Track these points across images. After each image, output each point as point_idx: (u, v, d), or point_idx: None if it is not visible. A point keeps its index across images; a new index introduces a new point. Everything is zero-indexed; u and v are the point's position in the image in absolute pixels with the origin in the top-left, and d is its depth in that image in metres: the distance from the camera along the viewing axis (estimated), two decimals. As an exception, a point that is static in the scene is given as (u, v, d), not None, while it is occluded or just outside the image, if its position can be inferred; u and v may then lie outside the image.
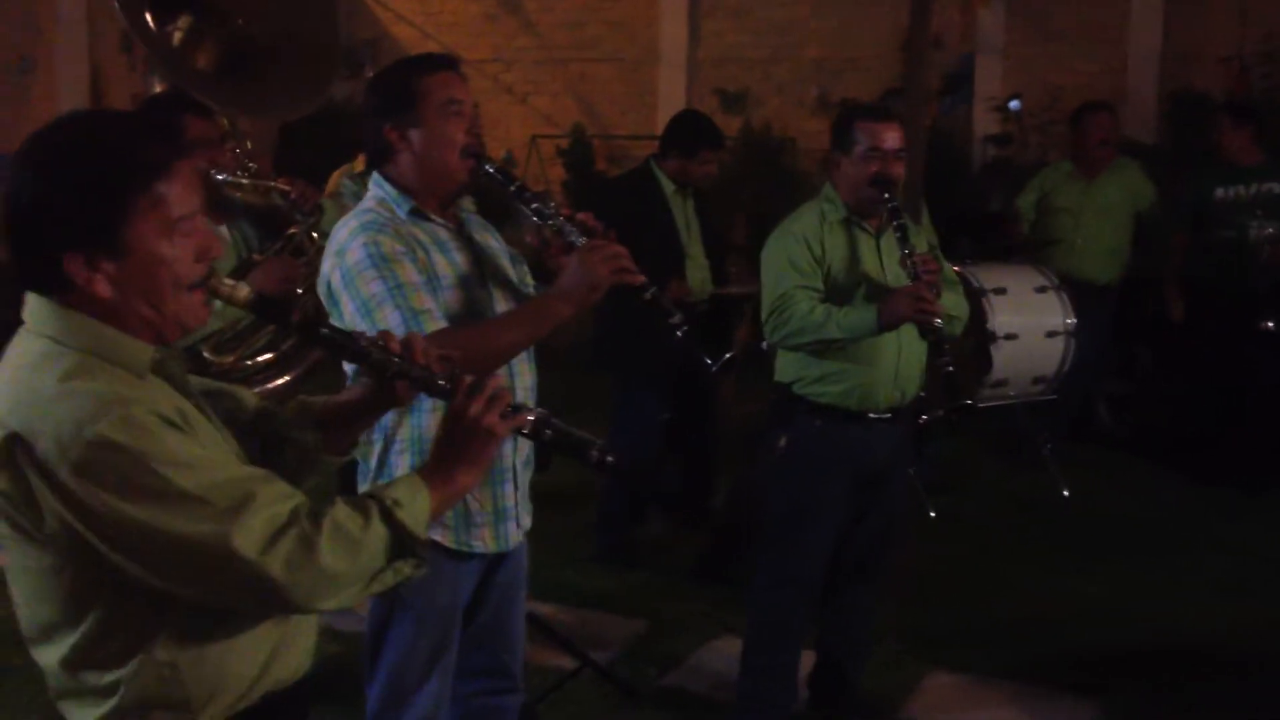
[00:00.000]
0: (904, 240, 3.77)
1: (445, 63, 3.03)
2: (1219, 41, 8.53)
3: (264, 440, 2.15)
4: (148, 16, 4.28)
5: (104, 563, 1.79)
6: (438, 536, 2.91)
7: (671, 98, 9.93)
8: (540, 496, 3.14)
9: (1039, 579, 5.42)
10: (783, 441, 3.96)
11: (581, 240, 2.89)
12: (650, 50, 10.27)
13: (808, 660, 4.23)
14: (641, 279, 2.88)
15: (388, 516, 1.91)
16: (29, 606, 1.90)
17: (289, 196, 4.07)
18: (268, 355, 3.99)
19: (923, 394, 4.23)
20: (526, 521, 3.12)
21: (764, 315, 3.89)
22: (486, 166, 2.95)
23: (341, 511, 1.88)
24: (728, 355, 3.03)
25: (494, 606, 3.13)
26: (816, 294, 3.81)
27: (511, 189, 2.97)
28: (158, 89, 4.49)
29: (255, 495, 1.81)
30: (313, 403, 2.26)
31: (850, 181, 3.87)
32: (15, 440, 1.75)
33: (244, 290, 1.95)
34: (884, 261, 3.90)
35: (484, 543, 2.98)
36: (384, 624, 3.00)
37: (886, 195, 3.78)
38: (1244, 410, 6.44)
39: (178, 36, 4.36)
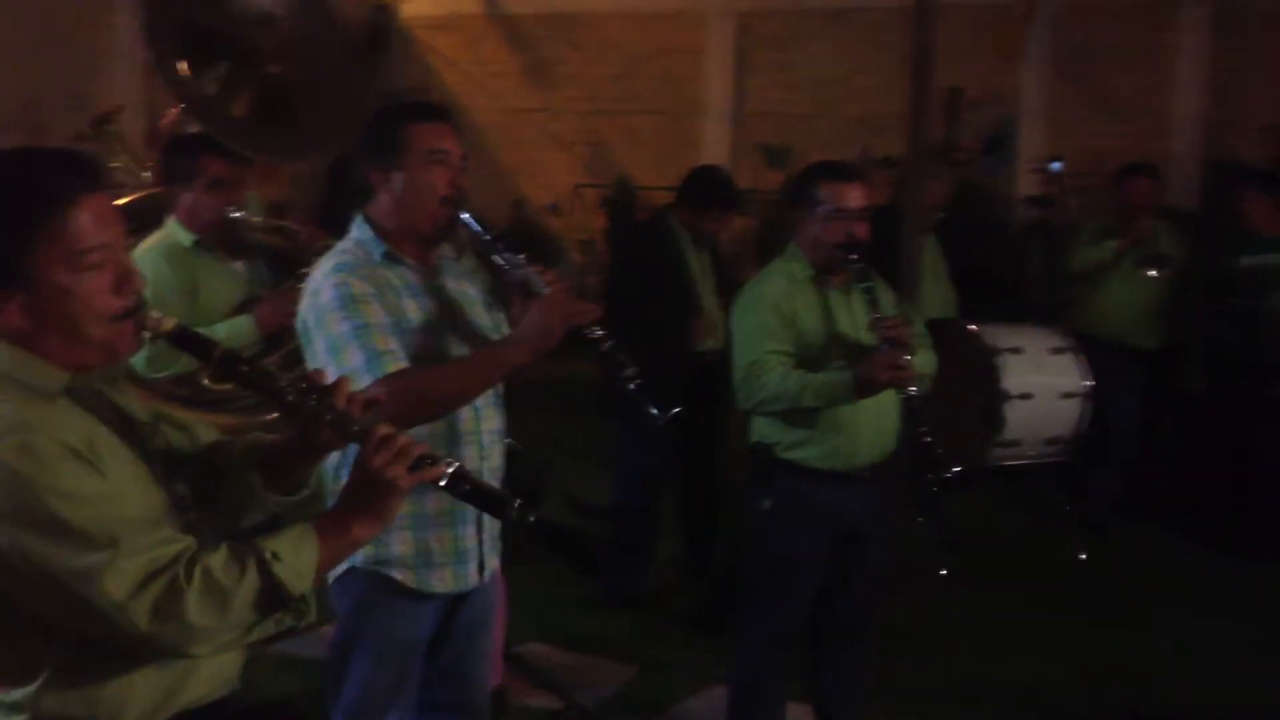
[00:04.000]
0: (874, 303, 3.77)
1: (436, 113, 3.12)
2: (1263, 111, 8.50)
3: (207, 475, 2.17)
4: (182, 65, 4.42)
5: None
6: (398, 575, 2.99)
7: (715, 151, 10.05)
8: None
9: (1045, 642, 5.38)
10: (766, 504, 3.95)
11: (546, 291, 2.96)
12: (695, 104, 10.41)
13: (806, 715, 4.23)
14: (599, 333, 2.94)
15: (264, 569, 1.90)
16: None
17: (299, 237, 4.21)
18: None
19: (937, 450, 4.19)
20: (493, 563, 3.17)
21: (736, 381, 3.87)
22: (461, 215, 3.03)
23: (218, 560, 1.88)
24: (675, 410, 3.09)
25: (458, 643, 3.18)
26: (789, 358, 3.80)
27: (486, 238, 3.05)
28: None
29: (136, 537, 1.83)
30: (261, 441, 2.25)
31: (814, 241, 3.87)
32: None
33: (169, 323, 1.99)
34: (855, 318, 3.90)
35: (443, 583, 3.04)
36: (345, 658, 3.07)
37: (853, 256, 3.79)
38: (1257, 479, 6.38)
39: (213, 85, 4.49)
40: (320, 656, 3.08)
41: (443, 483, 2.06)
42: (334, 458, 2.75)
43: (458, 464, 2.09)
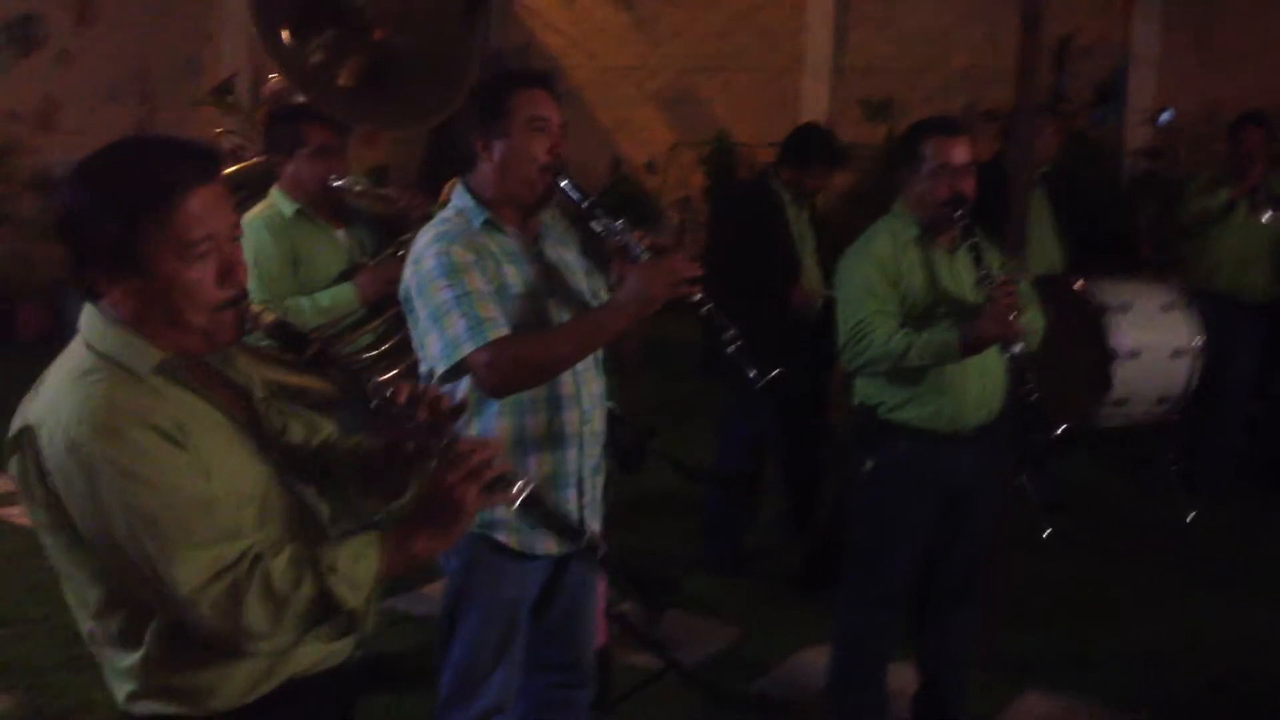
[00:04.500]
0: (979, 260, 3.73)
1: (538, 80, 3.13)
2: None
3: (315, 473, 2.21)
4: (284, 35, 4.47)
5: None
6: (503, 537, 3.05)
7: (815, 107, 9.94)
8: (644, 500, 3.17)
9: (1152, 605, 5.31)
10: (869, 465, 3.93)
11: (646, 256, 2.97)
12: (795, 59, 10.29)
13: (912, 681, 4.22)
14: (698, 296, 2.93)
15: (319, 580, 1.92)
16: (63, 584, 2.02)
17: (398, 204, 4.25)
18: (373, 351, 4.18)
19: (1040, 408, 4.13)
20: (595, 526, 3.20)
21: (841, 342, 3.85)
22: (559, 181, 3.04)
23: (279, 565, 1.91)
24: (774, 372, 3.06)
25: (563, 604, 3.24)
26: (894, 318, 3.77)
27: (583, 205, 3.05)
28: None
29: (206, 529, 1.88)
30: (364, 445, 2.25)
31: (920, 199, 3.82)
32: (25, 431, 1.90)
33: (268, 316, 2.05)
34: (961, 277, 3.85)
35: (547, 545, 3.09)
36: (453, 617, 3.14)
37: (959, 213, 3.75)
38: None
39: (319, 55, 4.54)
40: (432, 613, 3.15)
41: (515, 505, 2.07)
42: None
43: (531, 486, 2.10)
